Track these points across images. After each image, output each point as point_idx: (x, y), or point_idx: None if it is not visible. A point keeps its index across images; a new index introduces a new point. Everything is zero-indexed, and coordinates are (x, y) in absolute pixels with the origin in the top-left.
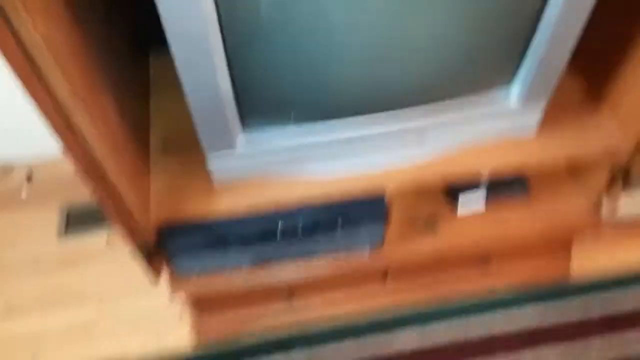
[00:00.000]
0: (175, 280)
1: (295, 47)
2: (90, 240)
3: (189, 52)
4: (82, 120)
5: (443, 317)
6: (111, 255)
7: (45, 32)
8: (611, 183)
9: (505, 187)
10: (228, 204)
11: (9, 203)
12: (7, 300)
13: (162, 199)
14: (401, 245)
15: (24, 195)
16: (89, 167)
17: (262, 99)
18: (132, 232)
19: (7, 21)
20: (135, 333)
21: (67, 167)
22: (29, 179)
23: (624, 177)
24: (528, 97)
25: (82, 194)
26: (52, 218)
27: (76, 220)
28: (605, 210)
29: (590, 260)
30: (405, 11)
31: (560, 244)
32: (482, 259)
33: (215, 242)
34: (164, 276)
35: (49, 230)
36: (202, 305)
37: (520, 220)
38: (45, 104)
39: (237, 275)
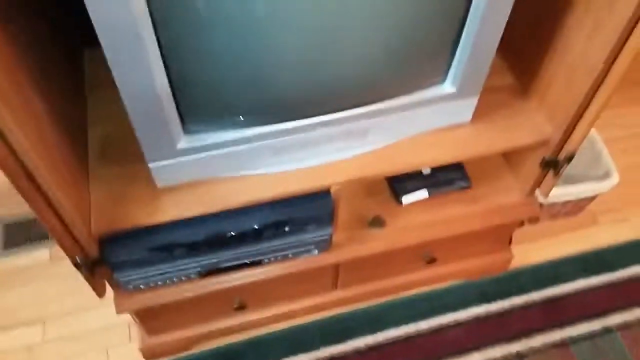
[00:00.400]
0: (120, 296)
1: (231, 46)
2: (32, 256)
3: (121, 50)
4: (10, 126)
5: (394, 318)
6: (55, 271)
7: None
8: (542, 173)
9: (446, 179)
10: (172, 209)
11: None
12: None
13: (103, 208)
14: (349, 244)
15: None
16: (21, 177)
17: (202, 99)
18: (72, 246)
19: None
20: (83, 354)
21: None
22: None
23: (554, 167)
24: (462, 85)
25: (22, 206)
26: None
27: (16, 235)
28: (540, 199)
29: (530, 251)
30: (338, 11)
31: (501, 235)
32: (427, 253)
33: (161, 252)
34: (109, 291)
35: None
36: (150, 321)
37: (462, 210)
38: None
39: (185, 285)
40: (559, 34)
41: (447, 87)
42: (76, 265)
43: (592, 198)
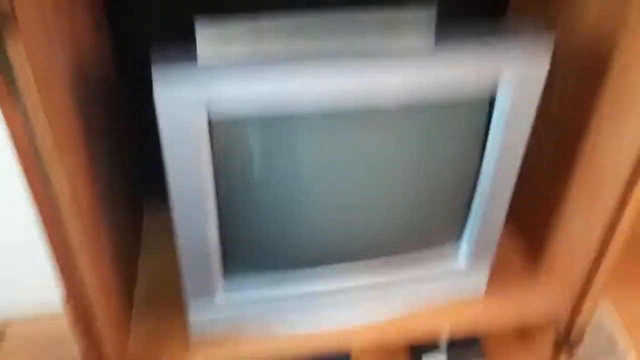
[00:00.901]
0: None
1: (276, 209)
2: None
3: (186, 204)
4: (83, 264)
5: None
6: None
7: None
8: (556, 350)
9: (462, 351)
10: None
11: None
12: None
13: (140, 352)
14: None
15: None
16: (82, 314)
17: (244, 255)
18: None
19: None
20: None
21: (42, 326)
22: (2, 336)
23: (566, 343)
24: (474, 255)
25: (55, 355)
26: None
27: None
28: None
29: None
30: (369, 185)
31: None
32: None
33: None
34: None
35: None
36: None
37: None
38: (55, 242)
39: None
40: (560, 216)
41: (460, 260)
42: None
43: None
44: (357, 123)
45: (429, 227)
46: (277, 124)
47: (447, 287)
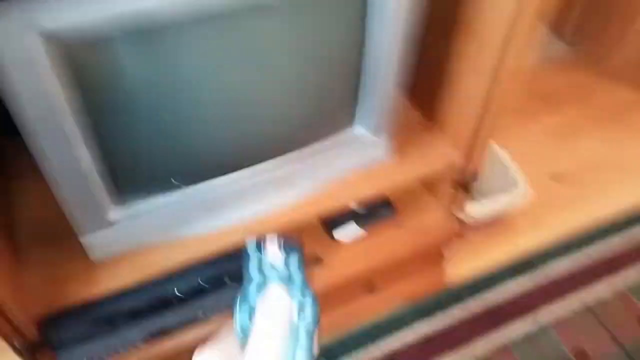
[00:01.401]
0: None
1: (158, 130)
2: None
3: (42, 132)
4: None
5: (346, 349)
6: None
7: None
8: (455, 193)
9: (374, 213)
10: (110, 281)
11: None
12: None
13: (38, 290)
14: None
15: None
16: None
17: (128, 168)
18: (11, 332)
19: None
20: None
21: None
22: None
23: (463, 186)
24: (373, 127)
25: None
26: None
27: None
28: (460, 217)
29: (462, 267)
30: (246, 73)
31: (432, 256)
32: (367, 285)
33: (103, 324)
34: None
35: None
36: None
37: (392, 239)
38: None
39: (133, 355)
40: (450, 76)
41: (358, 129)
42: (16, 351)
43: (508, 210)
44: (233, 12)
45: (324, 112)
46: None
47: (351, 157)
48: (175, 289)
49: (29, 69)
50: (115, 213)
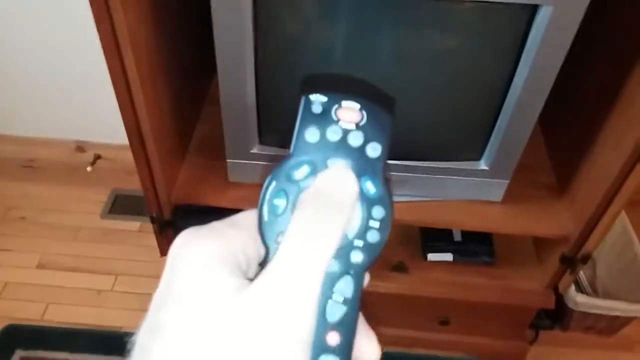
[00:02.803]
0: None
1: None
2: (127, 225)
3: (229, 69)
4: (140, 102)
5: None
6: (139, 241)
7: (131, 21)
8: (562, 268)
9: (473, 251)
10: (236, 200)
11: (73, 175)
12: (42, 256)
13: (185, 185)
14: (372, 279)
15: (89, 170)
16: (136, 138)
17: (277, 122)
18: (154, 204)
19: (108, 8)
20: (139, 310)
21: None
22: (96, 159)
23: (571, 264)
24: (494, 166)
25: (133, 184)
26: (103, 198)
27: (121, 206)
28: (569, 304)
29: (553, 354)
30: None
31: (515, 320)
32: (442, 315)
33: None
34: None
35: (97, 207)
36: None
37: (480, 281)
38: (118, 81)
39: None
40: (590, 147)
41: (481, 164)
42: (152, 219)
43: (628, 320)
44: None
45: (456, 131)
46: None
47: (466, 186)
48: None
49: (235, 10)
50: (257, 149)
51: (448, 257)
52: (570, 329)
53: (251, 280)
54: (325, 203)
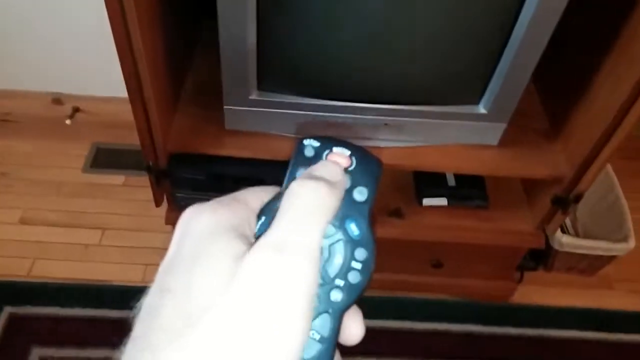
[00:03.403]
0: (172, 210)
1: (309, 35)
2: (110, 179)
3: (228, 13)
4: (138, 48)
5: (394, 312)
6: (124, 195)
7: None
8: (553, 209)
9: (466, 195)
10: (230, 148)
11: (51, 129)
12: (24, 211)
13: (180, 133)
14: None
15: (67, 123)
16: (134, 86)
17: (276, 67)
18: (150, 152)
19: None
20: (127, 263)
21: (110, 109)
22: (75, 112)
23: (563, 204)
24: (492, 109)
25: (115, 137)
26: (83, 152)
27: (104, 159)
28: (555, 245)
29: (538, 293)
30: (397, 20)
31: (506, 261)
32: (436, 256)
33: (212, 180)
34: (163, 208)
35: (78, 161)
36: None
37: (474, 224)
38: (118, 25)
39: None
40: (587, 89)
41: (480, 108)
42: (148, 168)
43: (608, 260)
44: None
45: (455, 78)
46: None
47: (463, 130)
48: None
49: None
50: (255, 95)
51: (443, 201)
52: (554, 270)
53: None
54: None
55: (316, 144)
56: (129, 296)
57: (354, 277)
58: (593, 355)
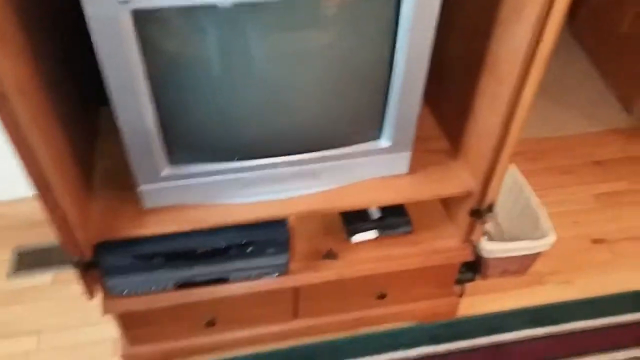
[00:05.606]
0: (107, 299)
1: (207, 104)
2: (37, 279)
3: (123, 100)
4: (37, 146)
5: (351, 352)
6: (55, 294)
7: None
8: (472, 221)
9: (391, 224)
10: (154, 225)
11: None
12: None
13: (99, 220)
14: (305, 271)
15: None
16: (40, 184)
17: (184, 140)
18: (73, 247)
19: None
20: None
21: (26, 209)
22: None
23: (478, 215)
24: (394, 140)
25: (36, 237)
26: (5, 257)
27: (27, 261)
28: (484, 254)
29: (480, 303)
30: (286, 81)
31: (443, 278)
32: (378, 288)
33: (142, 261)
34: (98, 298)
35: (1, 268)
36: (132, 329)
37: (405, 251)
38: (10, 127)
39: (162, 295)
40: (471, 110)
41: (383, 142)
42: (74, 264)
43: (534, 257)
44: (273, 15)
45: (352, 119)
46: (198, 15)
47: (373, 165)
48: (204, 245)
49: (118, 39)
50: (167, 170)
51: (372, 234)
52: (489, 276)
53: None
54: None
55: None
56: None
57: None
58: (547, 349)
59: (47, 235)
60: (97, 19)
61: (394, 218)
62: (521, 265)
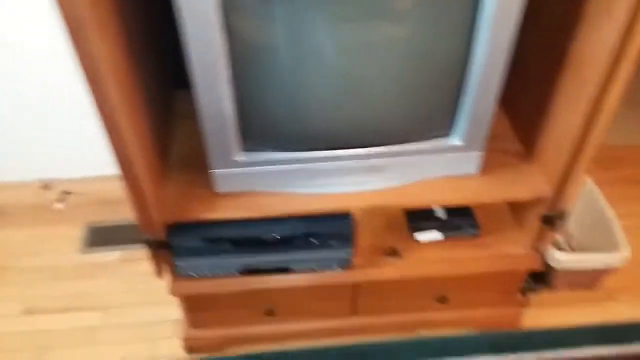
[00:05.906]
0: (175, 280)
1: (283, 94)
2: (107, 257)
3: (205, 84)
4: (125, 126)
5: (407, 355)
6: (123, 271)
7: (107, 52)
8: (542, 228)
9: (457, 225)
10: (224, 211)
11: (42, 216)
12: (25, 302)
13: (173, 203)
14: (367, 267)
15: (58, 208)
16: (125, 163)
17: (257, 128)
18: (147, 226)
19: (87, 42)
20: (135, 341)
21: (99, 188)
22: (64, 196)
23: (550, 222)
24: (466, 140)
25: (107, 215)
26: (77, 233)
27: (98, 238)
28: (553, 265)
29: (546, 315)
30: (363, 73)
31: (508, 286)
32: (439, 291)
33: (211, 244)
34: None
35: (73, 244)
36: (195, 312)
37: (469, 254)
38: (104, 108)
39: (227, 280)
40: (550, 110)
41: (454, 140)
42: (147, 243)
43: (607, 272)
44: (352, 5)
45: (425, 115)
46: (279, 2)
47: (442, 163)
48: (271, 234)
49: (205, 23)
50: (240, 157)
51: (438, 235)
52: (557, 289)
53: None
54: None
55: None
56: None
57: None
58: None
59: (117, 214)
60: (186, 2)
61: (460, 219)
62: (592, 279)
